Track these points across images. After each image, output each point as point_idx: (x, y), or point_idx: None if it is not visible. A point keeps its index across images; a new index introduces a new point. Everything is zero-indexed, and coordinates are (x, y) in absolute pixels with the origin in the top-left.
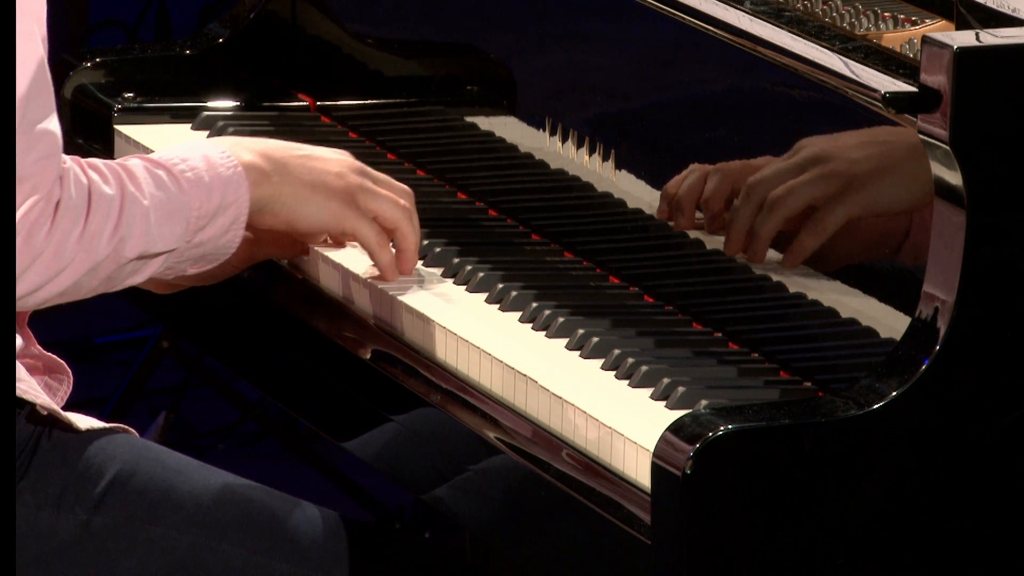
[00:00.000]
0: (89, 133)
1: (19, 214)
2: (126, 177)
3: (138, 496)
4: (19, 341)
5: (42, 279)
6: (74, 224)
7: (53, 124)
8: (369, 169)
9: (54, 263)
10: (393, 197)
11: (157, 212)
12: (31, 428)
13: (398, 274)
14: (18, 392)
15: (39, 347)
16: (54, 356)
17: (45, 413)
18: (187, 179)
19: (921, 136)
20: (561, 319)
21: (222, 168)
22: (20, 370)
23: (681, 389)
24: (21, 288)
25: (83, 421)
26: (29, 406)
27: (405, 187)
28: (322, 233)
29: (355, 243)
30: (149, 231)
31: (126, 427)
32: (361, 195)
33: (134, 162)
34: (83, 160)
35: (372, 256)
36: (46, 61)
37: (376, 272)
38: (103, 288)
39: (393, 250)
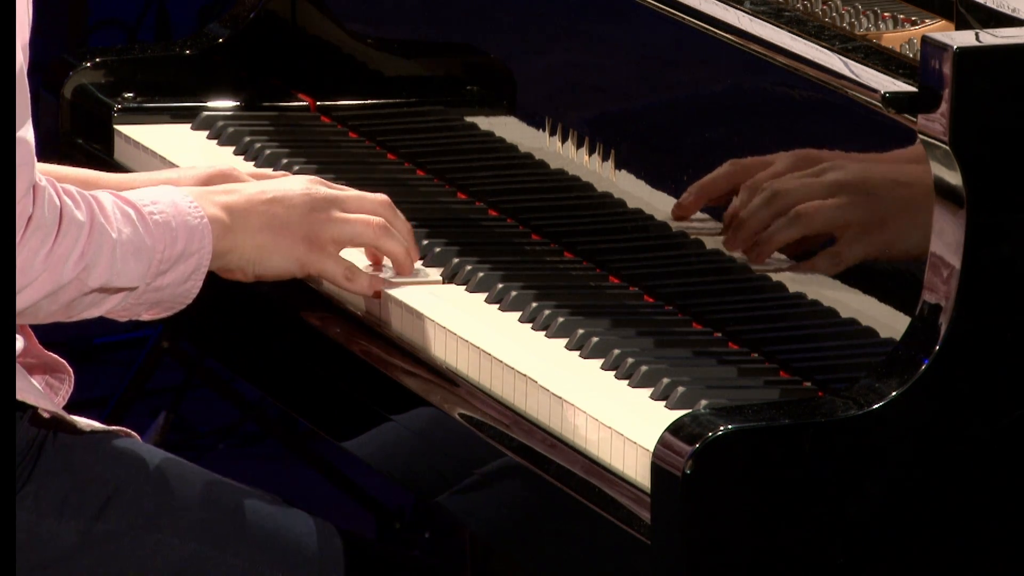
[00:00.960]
0: (89, 133)
1: None
2: (97, 208)
3: (140, 504)
4: (20, 342)
5: None
6: (42, 243)
7: (28, 134)
8: (337, 194)
9: (18, 279)
10: (363, 219)
11: (123, 247)
12: (34, 432)
13: (375, 286)
14: (20, 396)
15: (40, 347)
16: (54, 355)
17: (48, 416)
18: (155, 221)
19: (921, 136)
20: (561, 319)
21: (189, 217)
22: (22, 373)
23: (681, 389)
24: None
25: (86, 423)
26: (31, 409)
27: (379, 198)
28: (288, 278)
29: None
30: (114, 264)
31: (129, 431)
32: (328, 229)
33: (104, 196)
34: (57, 184)
35: (347, 290)
36: (25, 71)
37: (377, 272)
38: (60, 315)
39: (371, 268)
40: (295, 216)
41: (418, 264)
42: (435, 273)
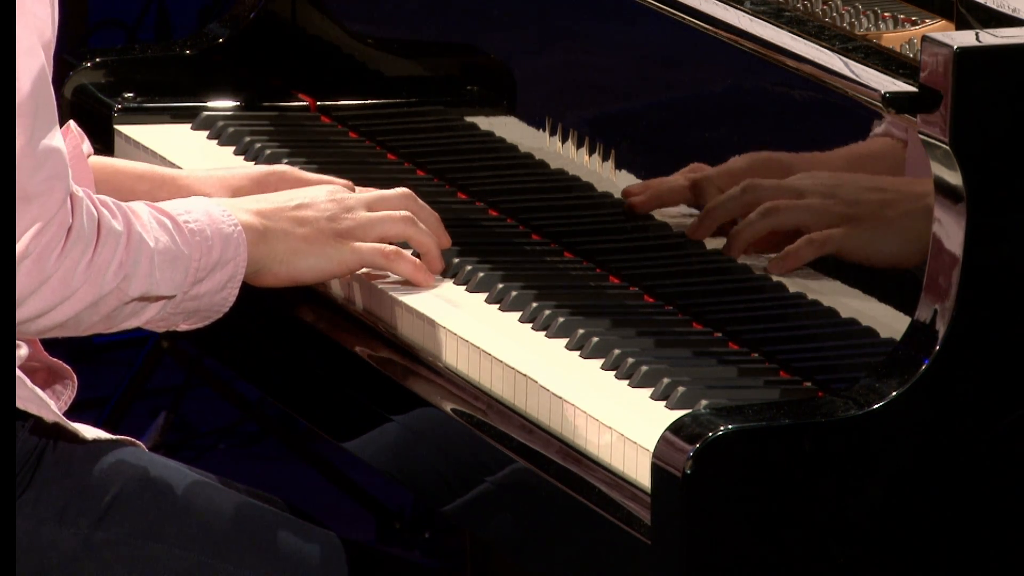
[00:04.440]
0: (89, 133)
1: (30, 235)
2: (133, 217)
3: (141, 512)
4: (25, 347)
5: (47, 305)
6: (83, 253)
7: (58, 140)
8: (359, 197)
9: (60, 290)
10: (390, 215)
11: (161, 256)
12: (35, 440)
13: (431, 274)
14: (23, 405)
15: (44, 352)
16: (59, 361)
17: (51, 423)
18: (190, 229)
19: (921, 136)
20: (561, 319)
21: (223, 225)
22: (25, 381)
23: (681, 389)
24: (25, 312)
25: (89, 432)
26: (34, 418)
27: (400, 192)
28: (329, 280)
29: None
30: (153, 273)
31: (133, 440)
32: (358, 231)
33: (139, 206)
34: (94, 195)
35: (395, 272)
36: (48, 75)
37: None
38: (101, 327)
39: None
40: (325, 217)
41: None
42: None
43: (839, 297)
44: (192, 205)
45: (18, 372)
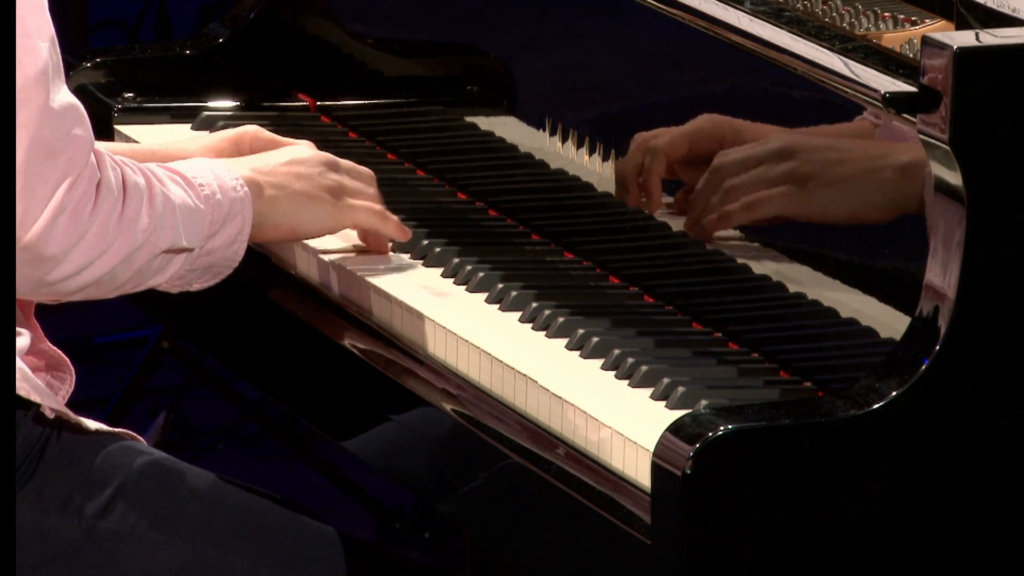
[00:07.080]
0: None
1: (63, 190)
2: (151, 174)
3: (144, 503)
4: (27, 336)
5: (86, 260)
6: (113, 207)
7: (70, 96)
8: (341, 160)
9: (98, 243)
10: (369, 206)
11: (181, 209)
12: (39, 430)
13: (401, 227)
14: (25, 393)
15: (46, 341)
16: (59, 351)
17: (52, 416)
18: (199, 184)
19: (921, 136)
20: (561, 319)
21: (227, 180)
22: (27, 371)
23: (681, 389)
24: (66, 269)
25: (92, 424)
26: (35, 407)
27: (367, 171)
28: (324, 235)
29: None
30: (177, 224)
31: (134, 434)
32: (346, 193)
33: (152, 165)
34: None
35: (384, 232)
36: (55, 39)
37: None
38: (131, 284)
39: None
40: (315, 172)
41: (419, 264)
42: (435, 273)
43: (839, 297)
44: (196, 164)
45: (20, 363)
